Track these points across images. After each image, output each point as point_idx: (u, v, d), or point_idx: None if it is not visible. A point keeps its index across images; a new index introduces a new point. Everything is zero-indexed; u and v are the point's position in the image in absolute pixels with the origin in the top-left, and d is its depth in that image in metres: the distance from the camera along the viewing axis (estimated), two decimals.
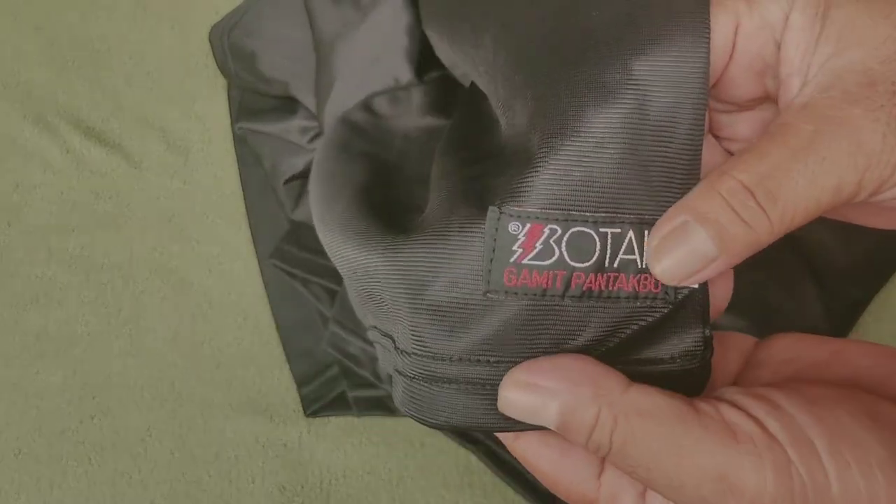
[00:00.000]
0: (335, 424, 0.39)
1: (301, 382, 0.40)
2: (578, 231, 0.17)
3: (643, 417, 0.16)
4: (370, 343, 0.38)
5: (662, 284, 0.17)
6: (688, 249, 0.16)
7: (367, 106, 0.32)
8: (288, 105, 0.41)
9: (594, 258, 0.17)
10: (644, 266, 0.17)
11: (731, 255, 0.16)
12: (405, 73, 0.32)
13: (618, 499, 0.18)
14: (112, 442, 0.39)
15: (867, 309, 0.39)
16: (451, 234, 0.18)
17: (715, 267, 0.16)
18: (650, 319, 0.18)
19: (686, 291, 0.18)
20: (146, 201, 0.44)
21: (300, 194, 0.41)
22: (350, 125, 0.31)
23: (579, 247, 0.17)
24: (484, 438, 0.37)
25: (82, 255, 0.42)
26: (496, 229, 0.17)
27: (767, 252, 0.17)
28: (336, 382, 0.39)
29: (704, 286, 0.18)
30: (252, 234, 0.43)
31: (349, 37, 0.34)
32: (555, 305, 0.17)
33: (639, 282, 0.17)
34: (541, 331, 0.18)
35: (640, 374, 0.17)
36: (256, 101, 0.43)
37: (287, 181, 0.41)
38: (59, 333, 0.41)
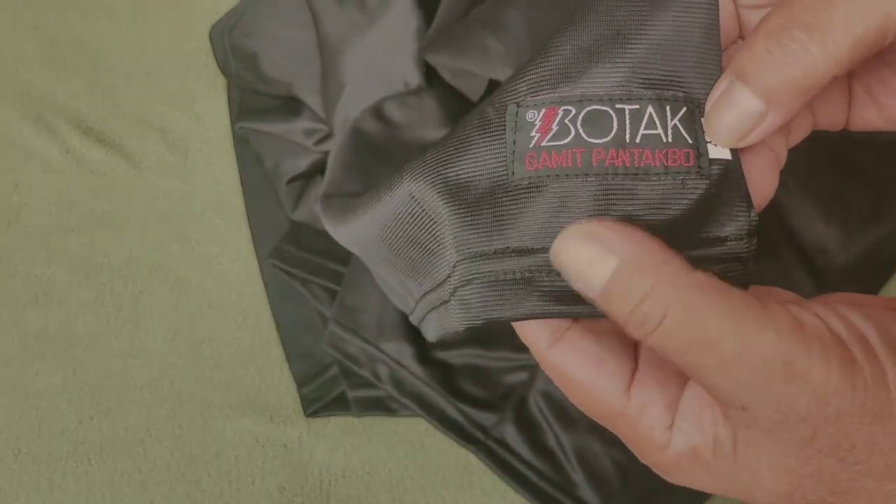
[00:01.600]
0: (335, 424, 0.39)
1: (301, 382, 0.40)
2: (593, 109, 0.17)
3: (706, 293, 0.15)
4: (370, 343, 0.38)
5: (694, 157, 0.17)
6: (735, 111, 0.16)
7: (377, 113, 0.32)
8: (291, 106, 0.41)
9: (612, 134, 0.17)
10: (669, 140, 0.17)
11: (779, 104, 0.16)
12: (414, 77, 0.32)
13: (646, 410, 0.18)
14: (112, 442, 0.39)
15: None
16: (472, 134, 0.18)
17: (769, 123, 0.16)
18: (688, 197, 0.17)
19: (721, 165, 0.17)
20: (146, 201, 0.44)
21: (301, 195, 0.41)
22: (362, 136, 0.31)
23: (595, 124, 0.17)
24: (484, 439, 0.37)
25: (82, 255, 0.42)
26: (515, 122, 0.18)
27: (767, 251, 0.17)
28: (336, 382, 0.39)
29: (737, 161, 0.17)
30: (252, 234, 0.43)
31: (356, 40, 0.35)
32: (582, 184, 0.17)
33: (666, 156, 0.17)
34: (571, 213, 0.17)
35: (687, 259, 0.17)
36: (258, 101, 0.43)
37: (290, 181, 0.41)
38: (59, 333, 0.41)
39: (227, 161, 0.44)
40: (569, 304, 0.17)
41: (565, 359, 0.18)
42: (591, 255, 0.16)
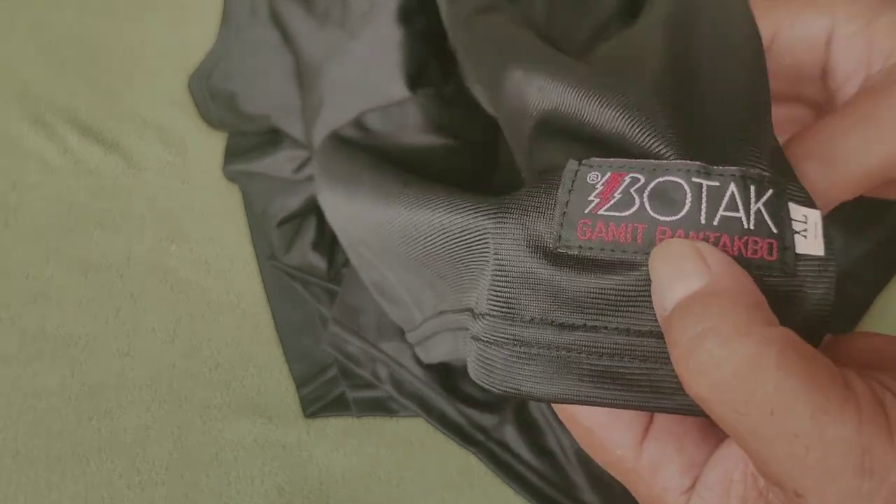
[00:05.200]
0: (335, 425, 0.39)
1: (300, 383, 0.40)
2: (666, 181, 0.15)
3: (785, 354, 0.13)
4: (370, 343, 0.37)
5: (777, 250, 0.15)
6: None
7: (358, 123, 0.32)
8: (272, 139, 0.40)
9: (683, 212, 0.15)
10: (751, 226, 0.15)
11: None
12: (399, 90, 0.32)
13: (660, 469, 0.16)
14: (110, 443, 0.39)
15: (868, 311, 0.39)
16: (534, 187, 0.16)
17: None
18: (767, 297, 0.15)
19: (811, 263, 0.15)
20: (144, 201, 0.43)
21: (293, 237, 0.40)
22: (341, 139, 0.31)
23: (665, 198, 0.15)
24: (485, 440, 0.37)
25: (80, 254, 0.42)
26: (573, 181, 0.16)
27: None
28: (335, 383, 0.39)
29: (832, 261, 0.15)
30: (251, 234, 0.42)
31: (337, 57, 0.34)
32: (639, 263, 0.15)
33: (745, 245, 0.15)
34: (624, 295, 0.15)
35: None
36: (241, 142, 0.42)
37: (281, 223, 0.40)
38: (57, 334, 0.41)
39: None
40: (610, 388, 0.15)
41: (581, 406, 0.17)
42: (686, 268, 0.14)
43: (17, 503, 0.38)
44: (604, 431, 0.17)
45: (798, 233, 0.15)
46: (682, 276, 0.14)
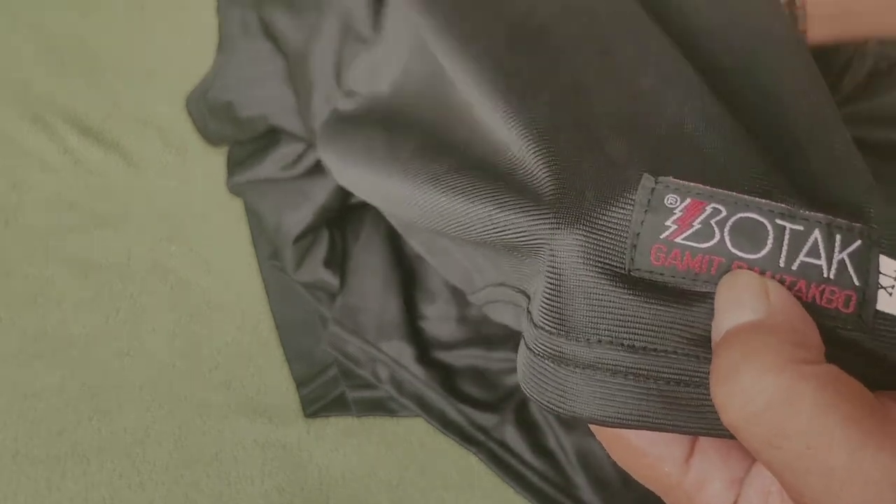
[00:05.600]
0: (335, 425, 0.39)
1: (300, 383, 0.40)
2: (749, 217, 0.15)
3: (825, 389, 0.13)
4: (370, 343, 0.37)
5: (855, 303, 0.14)
6: None
7: (350, 93, 0.32)
8: (269, 140, 0.39)
9: (764, 252, 0.15)
10: (831, 276, 0.14)
11: None
12: (365, 27, 0.31)
13: (705, 485, 0.16)
14: (110, 443, 0.39)
15: None
16: (602, 199, 0.16)
17: None
18: (837, 350, 0.14)
19: (892, 323, 0.14)
20: (144, 201, 0.43)
21: (305, 252, 0.40)
22: (342, 117, 0.30)
23: (747, 235, 0.15)
24: (485, 440, 0.37)
25: (80, 254, 0.42)
26: (649, 200, 0.15)
27: None
28: (335, 383, 0.39)
29: None
30: (251, 234, 0.42)
31: (315, 36, 0.34)
32: (712, 295, 0.15)
33: (822, 294, 0.14)
34: (696, 321, 0.15)
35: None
36: (240, 152, 0.41)
37: (297, 239, 0.39)
38: (57, 333, 0.41)
39: (226, 161, 0.44)
40: (674, 413, 0.15)
41: None
42: (746, 299, 0.14)
43: (17, 503, 0.38)
44: (652, 448, 0.17)
45: (884, 288, 0.15)
46: (740, 305, 0.14)
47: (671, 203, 0.15)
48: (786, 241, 0.14)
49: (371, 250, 0.38)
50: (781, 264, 0.14)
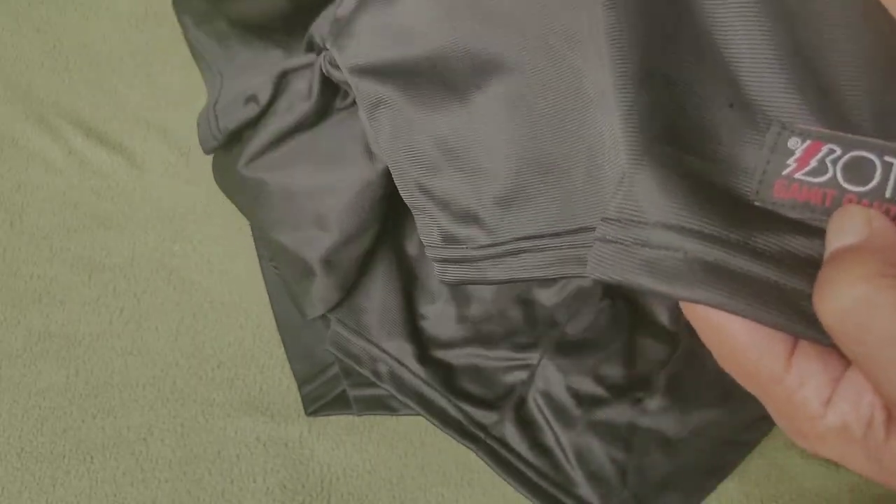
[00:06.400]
0: (336, 423, 0.40)
1: (302, 382, 0.40)
2: (860, 155, 0.17)
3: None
4: (372, 343, 0.38)
5: None
6: None
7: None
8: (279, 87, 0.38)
9: (871, 185, 0.17)
10: None
11: None
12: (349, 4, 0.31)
13: (806, 382, 0.18)
14: (114, 441, 0.39)
15: None
16: (725, 139, 0.18)
17: None
18: None
19: None
20: (148, 202, 0.44)
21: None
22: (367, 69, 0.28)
23: (857, 170, 0.17)
24: (484, 437, 0.37)
25: (84, 255, 0.43)
26: (775, 143, 0.17)
27: None
28: (336, 382, 0.40)
29: None
30: (253, 234, 0.43)
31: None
32: (824, 224, 0.17)
33: None
34: (809, 242, 0.17)
35: None
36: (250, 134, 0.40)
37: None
38: (61, 333, 0.41)
39: None
40: (777, 310, 0.17)
41: (732, 319, 0.18)
42: (850, 226, 0.17)
43: (21, 500, 0.38)
44: (758, 344, 0.18)
45: None
46: (845, 231, 0.17)
47: (793, 145, 0.17)
48: (892, 176, 0.16)
49: (372, 251, 0.39)
50: (888, 195, 0.17)
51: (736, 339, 0.18)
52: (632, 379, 0.37)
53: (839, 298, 0.16)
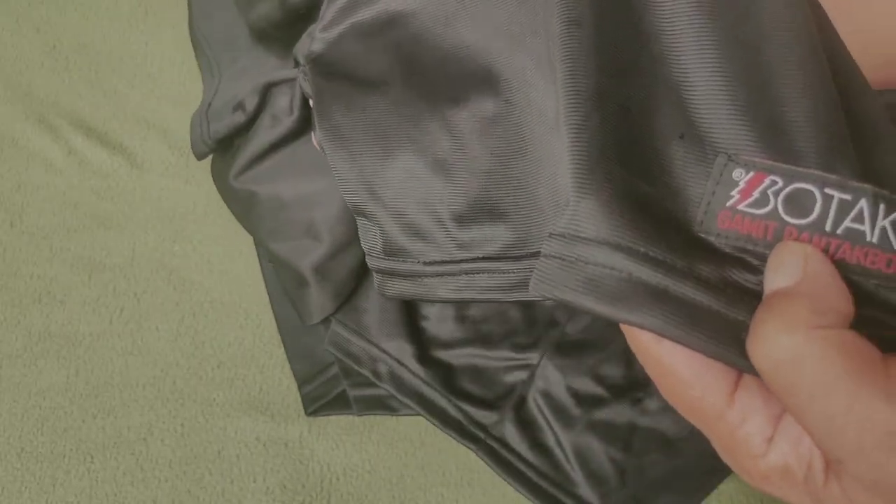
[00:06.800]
0: (336, 423, 0.40)
1: (302, 381, 0.40)
2: (800, 188, 0.17)
3: (836, 349, 0.15)
4: (372, 343, 0.38)
5: None
6: None
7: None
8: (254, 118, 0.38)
9: (811, 217, 0.17)
10: (874, 240, 0.16)
11: None
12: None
13: (748, 418, 0.18)
14: (114, 440, 0.39)
15: None
16: (674, 168, 0.18)
17: None
18: (877, 305, 0.17)
19: None
20: (148, 201, 0.44)
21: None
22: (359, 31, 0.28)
23: (798, 202, 0.17)
24: (484, 437, 0.37)
25: (84, 254, 0.43)
26: (721, 174, 0.17)
27: None
28: (336, 382, 0.40)
29: None
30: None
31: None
32: (766, 254, 0.17)
33: (865, 255, 0.16)
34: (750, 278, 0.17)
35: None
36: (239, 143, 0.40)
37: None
38: (62, 333, 0.41)
39: None
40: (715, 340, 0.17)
41: (674, 353, 0.18)
42: (786, 266, 0.16)
43: (22, 500, 0.38)
44: (700, 379, 0.18)
45: None
46: (779, 271, 0.16)
47: (737, 176, 0.17)
48: (833, 209, 0.16)
49: None
50: (828, 229, 0.16)
51: (678, 373, 0.18)
52: (632, 379, 0.37)
53: (770, 347, 0.15)
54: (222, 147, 0.38)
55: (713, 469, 0.37)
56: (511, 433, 0.37)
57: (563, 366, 0.37)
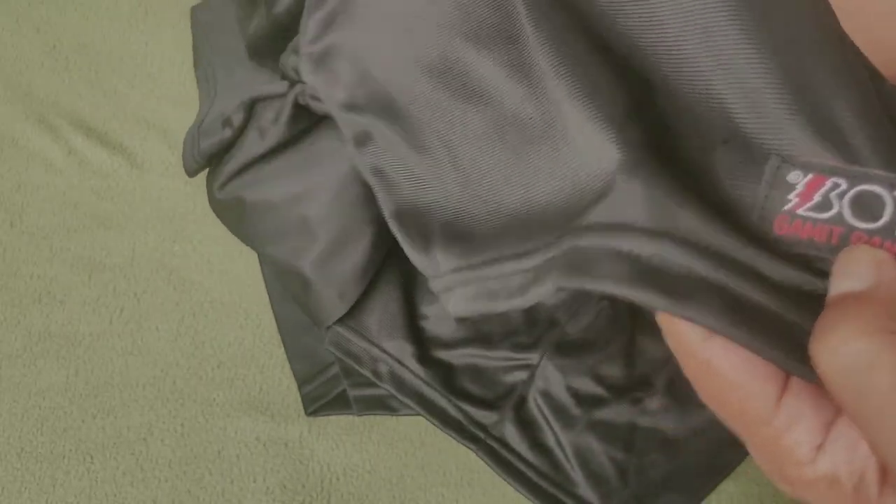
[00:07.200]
0: (336, 423, 0.40)
1: (302, 381, 0.40)
2: (868, 190, 0.16)
3: None
4: (372, 343, 0.38)
5: None
6: None
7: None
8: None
9: (882, 222, 0.16)
10: None
11: None
12: None
13: (795, 425, 0.17)
14: (114, 440, 0.39)
15: None
16: (720, 176, 0.17)
17: None
18: None
19: None
20: (148, 202, 0.44)
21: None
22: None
23: (865, 206, 0.16)
24: (484, 437, 0.37)
25: (84, 254, 0.43)
26: (774, 177, 0.17)
27: None
28: (337, 382, 0.40)
29: None
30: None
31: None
32: (830, 260, 0.16)
33: None
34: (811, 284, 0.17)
35: None
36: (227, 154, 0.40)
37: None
38: (61, 333, 0.41)
39: None
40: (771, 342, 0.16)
41: (721, 354, 0.17)
42: (857, 270, 0.16)
43: (21, 500, 0.38)
44: (746, 384, 0.17)
45: None
46: (849, 275, 0.16)
47: (793, 179, 0.16)
48: None
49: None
50: None
51: (725, 374, 0.17)
52: (632, 379, 0.37)
53: (839, 351, 0.15)
54: (213, 164, 0.38)
55: (713, 469, 0.37)
56: (511, 433, 0.37)
57: (564, 366, 0.37)
